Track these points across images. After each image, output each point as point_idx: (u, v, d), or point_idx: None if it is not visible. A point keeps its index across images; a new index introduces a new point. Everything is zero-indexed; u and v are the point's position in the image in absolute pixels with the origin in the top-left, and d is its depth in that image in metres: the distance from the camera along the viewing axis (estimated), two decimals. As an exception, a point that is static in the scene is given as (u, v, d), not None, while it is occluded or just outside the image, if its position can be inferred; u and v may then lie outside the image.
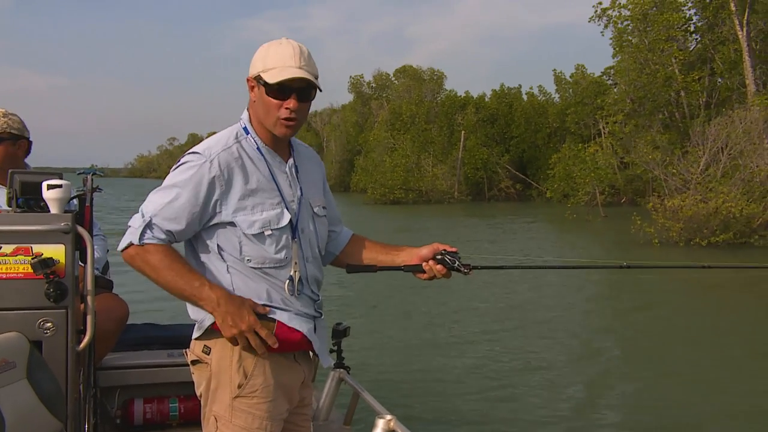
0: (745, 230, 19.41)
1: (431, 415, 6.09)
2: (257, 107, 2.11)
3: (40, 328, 2.37)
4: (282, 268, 2.10)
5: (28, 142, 3.28)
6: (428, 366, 7.74)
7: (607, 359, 8.31)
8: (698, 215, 19.32)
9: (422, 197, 47.31)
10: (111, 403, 3.14)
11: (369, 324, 9.61)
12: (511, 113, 51.64)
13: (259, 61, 2.08)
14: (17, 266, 2.34)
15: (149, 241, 2.00)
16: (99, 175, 2.68)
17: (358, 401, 2.99)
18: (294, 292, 2.11)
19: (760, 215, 19.60)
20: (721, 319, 10.56)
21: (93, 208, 2.64)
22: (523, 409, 6.37)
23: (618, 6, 34.38)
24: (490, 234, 24.44)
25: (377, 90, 64.08)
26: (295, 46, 2.08)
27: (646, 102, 33.51)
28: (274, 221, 2.08)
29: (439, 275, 2.21)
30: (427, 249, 2.24)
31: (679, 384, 7.12)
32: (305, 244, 2.17)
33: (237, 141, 2.12)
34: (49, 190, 2.39)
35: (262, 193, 2.09)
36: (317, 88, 2.09)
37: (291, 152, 2.23)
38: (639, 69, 33.35)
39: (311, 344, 2.14)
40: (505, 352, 8.38)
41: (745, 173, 20.90)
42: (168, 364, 3.20)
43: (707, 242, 18.99)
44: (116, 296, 3.18)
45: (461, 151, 49.43)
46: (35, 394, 2.27)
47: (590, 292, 12.80)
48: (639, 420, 6.23)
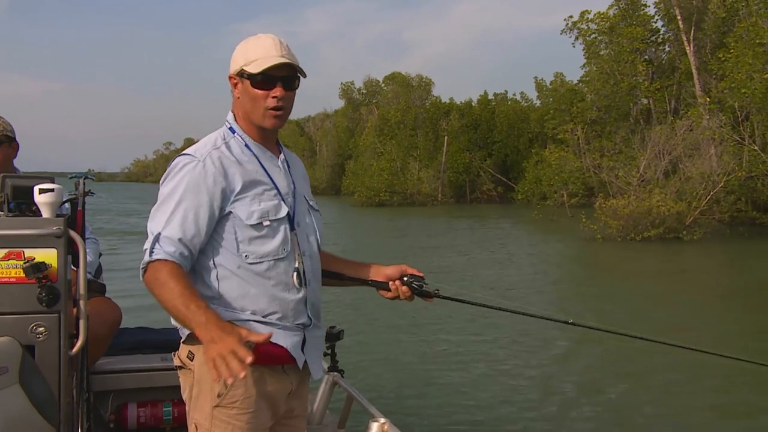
0: (677, 226, 21.72)
1: (425, 419, 6.02)
2: (243, 102, 2.05)
3: (32, 332, 2.30)
4: (283, 261, 2.02)
5: (17, 144, 3.22)
6: (422, 370, 7.68)
7: (602, 365, 8.14)
8: (634, 213, 21.50)
9: (407, 200, 47.92)
10: (104, 407, 3.07)
11: (363, 327, 9.50)
12: (493, 119, 52.26)
13: (240, 56, 2.03)
14: (9, 271, 2.28)
15: (158, 257, 1.88)
16: (91, 179, 2.62)
17: (352, 405, 2.93)
18: (303, 283, 2.04)
19: (691, 213, 22.30)
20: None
21: (85, 212, 2.58)
22: (517, 414, 6.29)
23: (586, 20, 35.67)
24: (457, 235, 25.69)
25: (367, 96, 64.30)
26: (274, 38, 2.03)
27: (611, 110, 34.78)
28: (272, 212, 2.01)
29: (403, 297, 2.21)
30: (393, 269, 2.23)
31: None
32: (303, 237, 2.10)
33: (224, 141, 2.05)
34: (40, 194, 2.31)
35: (258, 185, 2.03)
36: (301, 75, 2.04)
37: (280, 149, 2.17)
38: (604, 79, 34.62)
39: (294, 360, 2.04)
40: (500, 358, 8.28)
41: (683, 176, 23.39)
42: (161, 368, 3.12)
43: (641, 237, 21.15)
44: (109, 300, 3.10)
45: (444, 156, 50.09)
46: (28, 399, 2.20)
47: (584, 303, 12.61)
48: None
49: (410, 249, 20.78)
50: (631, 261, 18.33)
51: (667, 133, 25.45)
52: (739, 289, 13.81)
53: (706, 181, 23.10)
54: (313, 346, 2.13)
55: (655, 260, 18.20)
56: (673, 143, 24.95)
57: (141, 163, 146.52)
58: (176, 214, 1.93)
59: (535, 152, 35.16)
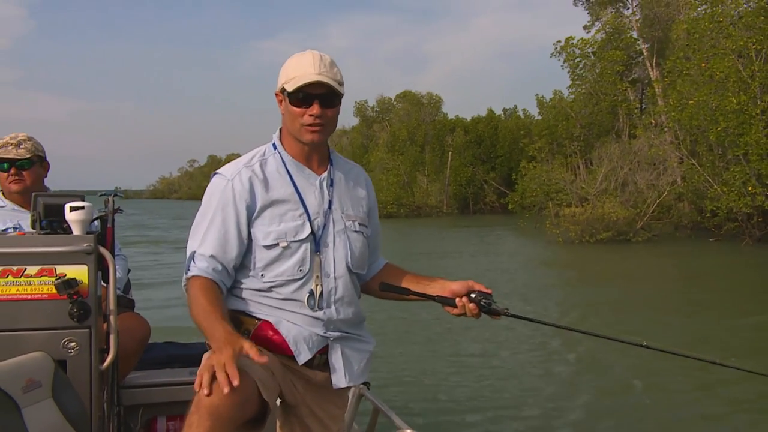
0: (627, 230, 24.71)
1: (451, 431, 5.82)
2: (285, 119, 2.03)
3: (64, 347, 2.27)
4: (296, 282, 1.96)
5: (48, 163, 3.20)
6: (449, 382, 7.39)
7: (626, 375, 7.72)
8: (590, 219, 24.47)
9: (413, 212, 49.22)
10: (134, 421, 3.01)
11: (389, 340, 9.16)
12: (496, 134, 53.25)
13: (283, 74, 2.00)
14: (41, 287, 2.26)
15: (192, 273, 1.92)
16: (120, 196, 2.59)
17: (378, 417, 2.86)
18: (315, 307, 1.97)
19: (641, 219, 25.45)
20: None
21: (114, 229, 2.55)
22: (547, 428, 6.03)
23: (570, 45, 37.19)
24: (450, 241, 28.06)
25: (380, 113, 64.64)
26: (316, 54, 1.98)
27: (593, 127, 36.63)
28: (291, 233, 1.96)
29: (470, 314, 2.03)
30: (459, 285, 2.07)
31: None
32: (328, 258, 2.02)
33: (262, 158, 2.04)
34: (71, 212, 2.29)
35: (282, 205, 1.98)
36: (340, 93, 1.98)
37: (329, 166, 2.10)
38: (586, 99, 36.88)
39: (291, 352, 1.95)
40: (527, 369, 7.96)
41: (635, 189, 26.38)
42: (190, 382, 3.03)
43: (594, 239, 23.90)
44: (138, 315, 3.05)
45: (449, 170, 51.48)
46: (60, 413, 2.17)
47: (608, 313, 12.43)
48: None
49: (398, 254, 20.89)
50: (584, 260, 20.69)
51: (623, 150, 28.58)
52: (674, 281, 16.38)
53: (653, 191, 26.12)
54: (340, 355, 2.04)
55: (605, 259, 20.87)
56: (631, 159, 27.76)
57: (166, 180, 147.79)
58: (209, 233, 1.95)
59: (523, 167, 36.13)
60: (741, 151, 22.11)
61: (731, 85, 22.23)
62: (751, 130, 21.62)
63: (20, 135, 3.07)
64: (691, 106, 23.70)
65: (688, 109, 23.92)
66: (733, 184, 22.34)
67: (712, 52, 23.47)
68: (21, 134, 3.08)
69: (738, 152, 22.26)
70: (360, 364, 2.10)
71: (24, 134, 3.09)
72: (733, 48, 22.41)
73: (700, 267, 18.81)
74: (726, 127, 22.17)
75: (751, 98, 21.92)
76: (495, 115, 56.15)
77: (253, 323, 1.97)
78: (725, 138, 22.62)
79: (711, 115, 22.86)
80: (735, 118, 21.93)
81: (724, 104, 22.12)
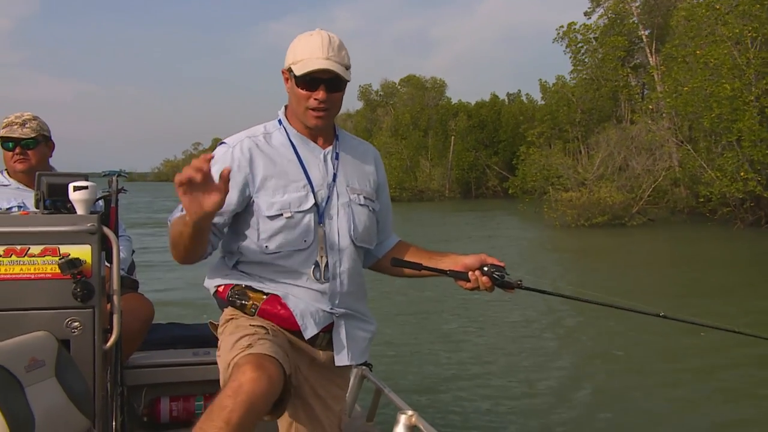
0: (622, 214, 24.90)
1: (453, 411, 5.80)
2: (290, 98, 2.01)
3: (67, 327, 2.26)
4: (302, 253, 1.95)
5: (53, 143, 3.18)
6: (450, 363, 7.40)
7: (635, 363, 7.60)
8: (586, 204, 24.67)
9: (416, 196, 49.08)
10: (138, 401, 3.01)
11: (391, 322, 9.18)
12: (499, 119, 52.95)
13: (290, 53, 1.97)
14: (45, 267, 2.24)
15: (176, 215, 1.88)
16: (124, 176, 2.57)
17: (380, 398, 2.86)
18: (321, 279, 1.97)
19: (636, 203, 25.78)
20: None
21: (118, 209, 2.53)
22: (546, 407, 6.02)
23: (573, 31, 36.88)
24: (449, 223, 28.50)
25: (384, 98, 64.43)
26: (324, 36, 1.94)
27: (594, 113, 36.62)
28: (295, 203, 1.95)
29: (484, 287, 1.99)
30: (472, 258, 2.02)
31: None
32: (332, 231, 2.00)
33: (266, 132, 2.02)
34: (75, 191, 2.26)
35: (286, 176, 1.97)
36: (346, 80, 1.96)
37: (335, 141, 2.09)
38: (587, 85, 36.75)
39: (298, 326, 1.96)
40: (529, 349, 7.95)
41: (632, 174, 26.62)
42: (193, 363, 3.06)
43: (590, 223, 24.14)
44: (142, 296, 3.04)
45: (451, 154, 51.29)
46: (64, 392, 2.16)
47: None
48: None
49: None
50: (579, 243, 20.90)
51: (620, 135, 28.57)
52: (663, 262, 16.97)
53: (649, 176, 26.40)
54: (344, 333, 2.04)
55: (600, 241, 21.28)
56: (628, 144, 27.94)
57: (171, 163, 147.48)
58: None
59: (522, 152, 36.10)
60: (734, 137, 22.23)
61: (725, 72, 22.27)
62: (744, 116, 21.72)
63: (26, 114, 3.05)
64: (686, 92, 23.82)
65: (683, 96, 24.05)
66: (726, 170, 22.44)
67: (709, 39, 23.48)
68: (26, 113, 3.06)
69: (731, 138, 22.36)
70: (363, 343, 2.10)
71: (29, 113, 3.07)
72: (729, 35, 22.42)
73: (690, 250, 19.07)
74: (720, 114, 22.27)
75: (745, 85, 21.96)
76: (498, 100, 55.94)
77: (260, 298, 1.97)
78: (719, 124, 22.73)
79: (705, 101, 22.95)
80: (728, 105, 21.99)
81: (717, 91, 22.19)
